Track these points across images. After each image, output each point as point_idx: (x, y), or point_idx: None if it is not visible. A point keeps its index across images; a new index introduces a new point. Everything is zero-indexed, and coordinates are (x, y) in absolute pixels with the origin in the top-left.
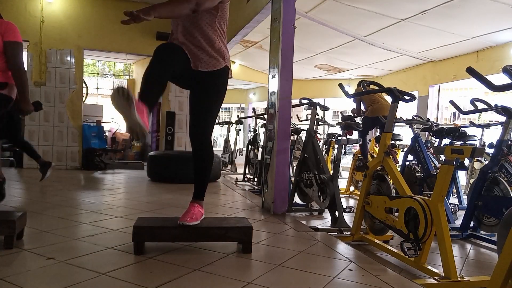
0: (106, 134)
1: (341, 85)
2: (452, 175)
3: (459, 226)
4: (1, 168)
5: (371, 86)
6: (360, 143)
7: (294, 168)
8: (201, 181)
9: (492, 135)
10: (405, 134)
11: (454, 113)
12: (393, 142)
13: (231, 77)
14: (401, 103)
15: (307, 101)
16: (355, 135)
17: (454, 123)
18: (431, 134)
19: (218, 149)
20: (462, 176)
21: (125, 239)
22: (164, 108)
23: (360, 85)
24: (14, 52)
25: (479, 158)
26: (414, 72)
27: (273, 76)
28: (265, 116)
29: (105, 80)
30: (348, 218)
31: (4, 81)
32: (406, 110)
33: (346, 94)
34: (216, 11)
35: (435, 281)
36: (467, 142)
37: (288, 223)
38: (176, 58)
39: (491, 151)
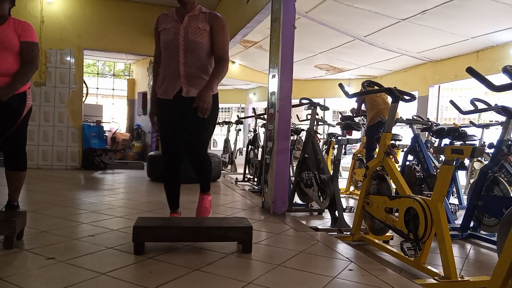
0: (106, 134)
1: (341, 85)
2: (452, 175)
3: (459, 226)
4: (18, 195)
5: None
6: (365, 148)
7: (294, 168)
8: (204, 178)
9: (492, 135)
10: (405, 134)
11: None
12: (393, 142)
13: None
14: (401, 103)
15: (307, 101)
16: (355, 135)
17: (454, 123)
18: (431, 134)
19: (218, 149)
20: (462, 176)
21: (125, 239)
22: None
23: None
24: (30, 51)
25: (479, 158)
26: (414, 72)
27: (273, 76)
28: (265, 116)
29: (105, 80)
30: (348, 218)
31: (22, 90)
32: (406, 110)
33: (346, 94)
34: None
35: (435, 281)
36: (467, 142)
37: (288, 223)
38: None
39: (491, 151)
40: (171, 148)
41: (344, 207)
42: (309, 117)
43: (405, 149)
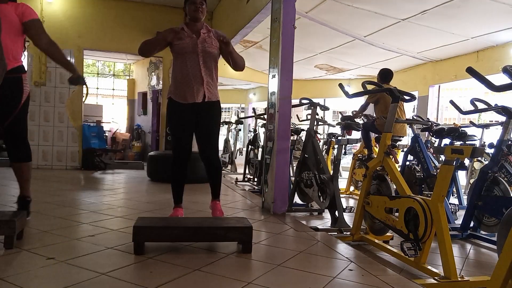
0: (106, 134)
1: (341, 85)
2: (452, 175)
3: (459, 226)
4: (30, 187)
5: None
6: (362, 136)
7: (294, 168)
8: (217, 186)
9: (492, 135)
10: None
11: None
12: (393, 142)
13: None
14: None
15: (307, 101)
16: (355, 135)
17: (454, 123)
18: (431, 134)
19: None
20: (462, 176)
21: (125, 239)
22: (164, 109)
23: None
24: (39, 30)
25: (479, 158)
26: (414, 72)
27: (273, 76)
28: (265, 116)
29: (105, 80)
30: (348, 218)
31: (17, 75)
32: (406, 110)
33: (346, 94)
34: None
35: (435, 281)
36: (467, 142)
37: (288, 223)
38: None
39: (491, 151)
40: (183, 148)
41: (344, 207)
42: (309, 117)
43: (405, 149)
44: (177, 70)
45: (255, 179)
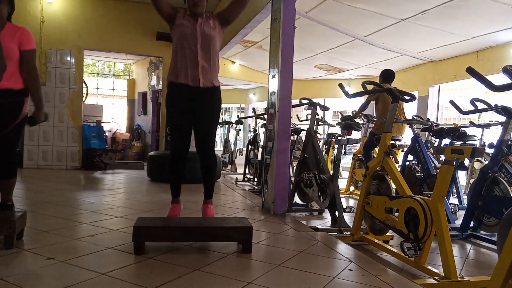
0: (106, 134)
1: (341, 85)
2: (452, 175)
3: (459, 226)
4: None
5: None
6: (364, 158)
7: (294, 168)
8: (210, 185)
9: (492, 135)
10: (405, 134)
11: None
12: (393, 142)
13: None
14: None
15: (307, 101)
16: (355, 135)
17: (454, 123)
18: (431, 134)
19: (218, 149)
20: (462, 176)
21: (125, 239)
22: (164, 108)
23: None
24: (32, 62)
25: (479, 158)
26: (414, 72)
27: (273, 76)
28: (265, 116)
29: (105, 80)
30: (348, 218)
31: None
32: (406, 110)
33: (346, 94)
34: (221, 36)
35: (435, 281)
36: (467, 142)
37: (288, 223)
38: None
39: (491, 151)
40: (183, 140)
41: (344, 207)
42: (309, 117)
43: (405, 149)
44: (175, 52)
45: (255, 179)
